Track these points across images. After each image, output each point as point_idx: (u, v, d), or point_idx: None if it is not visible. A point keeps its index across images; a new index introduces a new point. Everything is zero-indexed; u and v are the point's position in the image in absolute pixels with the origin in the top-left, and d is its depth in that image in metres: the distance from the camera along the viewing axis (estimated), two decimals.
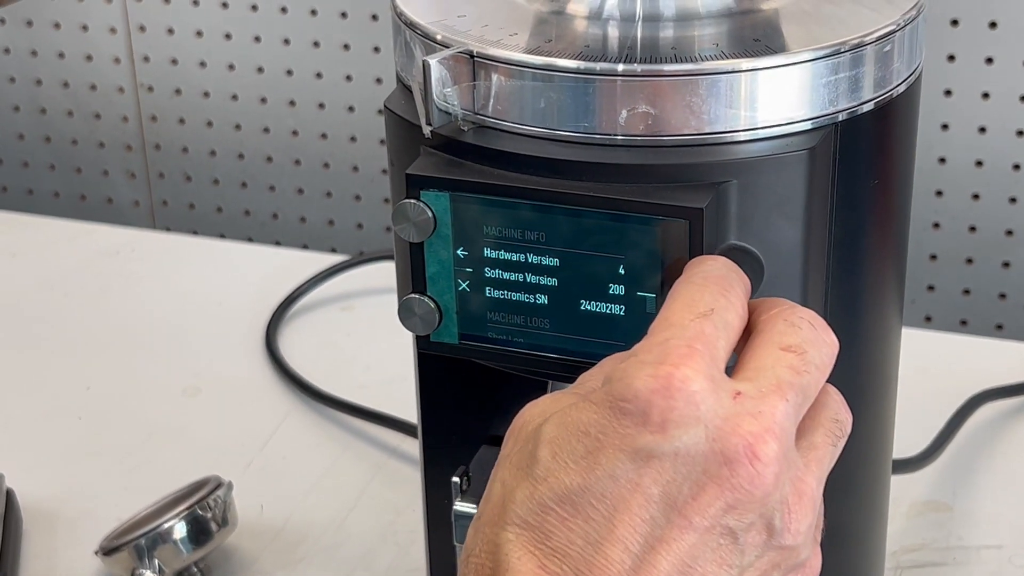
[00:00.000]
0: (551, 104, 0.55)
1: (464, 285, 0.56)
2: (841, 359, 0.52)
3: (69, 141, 1.38)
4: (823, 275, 0.58)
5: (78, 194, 1.40)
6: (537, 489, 0.47)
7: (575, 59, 0.54)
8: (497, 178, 0.55)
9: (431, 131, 0.56)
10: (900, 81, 0.59)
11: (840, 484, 0.62)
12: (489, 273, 0.56)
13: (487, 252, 0.56)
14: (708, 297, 0.49)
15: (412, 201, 0.55)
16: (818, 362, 0.50)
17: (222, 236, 1.36)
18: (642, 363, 0.47)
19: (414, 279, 0.57)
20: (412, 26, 0.58)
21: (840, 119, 0.56)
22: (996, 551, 0.86)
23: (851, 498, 0.65)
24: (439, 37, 0.57)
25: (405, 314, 0.57)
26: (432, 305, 0.57)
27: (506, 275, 0.56)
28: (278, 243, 1.34)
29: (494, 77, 0.55)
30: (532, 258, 0.55)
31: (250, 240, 1.35)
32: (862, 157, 0.58)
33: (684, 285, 0.50)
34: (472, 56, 0.55)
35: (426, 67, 0.55)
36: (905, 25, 0.58)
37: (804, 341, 0.50)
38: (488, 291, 0.56)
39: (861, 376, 0.63)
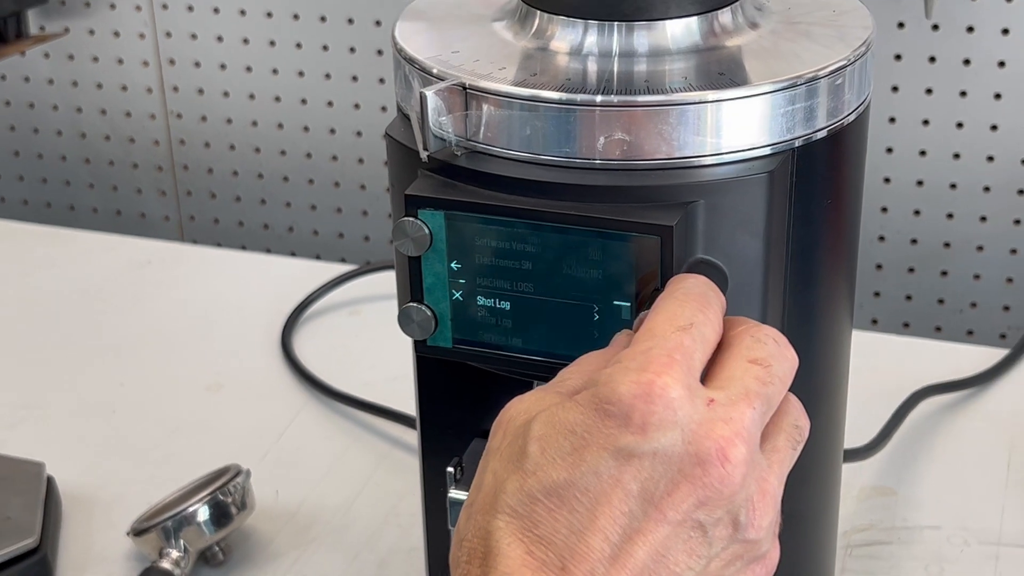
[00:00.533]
0: (536, 131, 0.54)
1: (458, 295, 0.56)
2: (800, 357, 0.51)
3: (106, 162, 1.37)
4: (782, 285, 0.57)
5: (114, 210, 1.39)
6: (527, 482, 0.47)
7: (558, 91, 0.54)
8: (487, 198, 0.54)
9: (428, 156, 0.55)
10: (851, 111, 0.58)
11: (798, 473, 0.61)
12: (480, 284, 0.55)
13: (478, 265, 0.55)
14: (688, 312, 0.49)
15: (410, 219, 0.55)
16: (781, 374, 0.50)
17: (243, 248, 1.34)
18: (626, 369, 0.47)
19: (412, 289, 0.56)
20: (411, 61, 0.58)
21: (797, 145, 0.56)
22: (936, 531, 0.85)
23: (807, 486, 0.64)
24: (435, 71, 0.56)
25: (404, 321, 0.57)
26: (428, 313, 0.56)
27: (495, 286, 0.55)
28: (293, 254, 1.33)
29: (484, 107, 0.54)
30: (518, 270, 0.54)
31: (268, 251, 1.34)
32: (817, 179, 0.57)
33: (667, 300, 0.50)
34: (465, 88, 0.55)
35: (423, 98, 0.54)
36: (855, 60, 0.57)
37: (769, 355, 0.50)
38: (479, 300, 0.55)
39: (816, 375, 0.62)
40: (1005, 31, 1.07)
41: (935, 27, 1.08)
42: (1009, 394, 0.98)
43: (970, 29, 1.08)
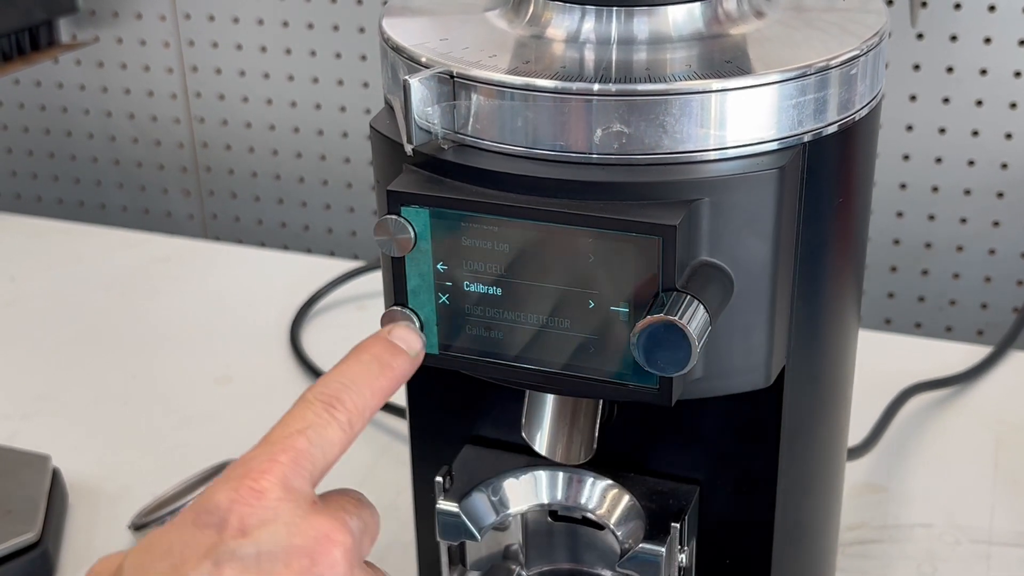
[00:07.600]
0: (528, 123, 0.43)
1: (444, 299, 0.45)
2: (806, 364, 0.43)
3: (134, 164, 1.27)
4: (790, 289, 0.47)
5: (143, 209, 1.28)
6: None
7: (552, 79, 0.43)
8: (475, 195, 0.43)
9: (412, 149, 0.44)
10: (863, 105, 0.47)
11: (803, 481, 0.51)
12: (468, 287, 0.45)
13: (466, 267, 0.44)
14: (309, 415, 0.41)
15: (393, 217, 0.44)
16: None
17: (263, 244, 1.24)
18: (226, 479, 0.39)
19: (396, 292, 0.46)
20: (397, 49, 0.47)
21: (807, 140, 0.45)
22: (927, 529, 0.75)
23: (813, 495, 0.54)
24: (423, 59, 0.46)
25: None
26: (413, 317, 0.46)
27: (484, 290, 0.44)
28: (309, 251, 1.23)
29: (473, 97, 0.44)
30: (509, 273, 0.44)
31: (286, 248, 1.23)
32: (827, 177, 0.47)
33: (295, 406, 0.42)
34: (452, 76, 0.44)
35: (407, 87, 0.43)
36: (868, 51, 0.47)
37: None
38: (467, 305, 0.45)
39: (823, 379, 0.52)
40: (987, 40, 0.97)
41: (920, 36, 0.98)
42: (994, 392, 0.87)
43: (953, 38, 0.97)
